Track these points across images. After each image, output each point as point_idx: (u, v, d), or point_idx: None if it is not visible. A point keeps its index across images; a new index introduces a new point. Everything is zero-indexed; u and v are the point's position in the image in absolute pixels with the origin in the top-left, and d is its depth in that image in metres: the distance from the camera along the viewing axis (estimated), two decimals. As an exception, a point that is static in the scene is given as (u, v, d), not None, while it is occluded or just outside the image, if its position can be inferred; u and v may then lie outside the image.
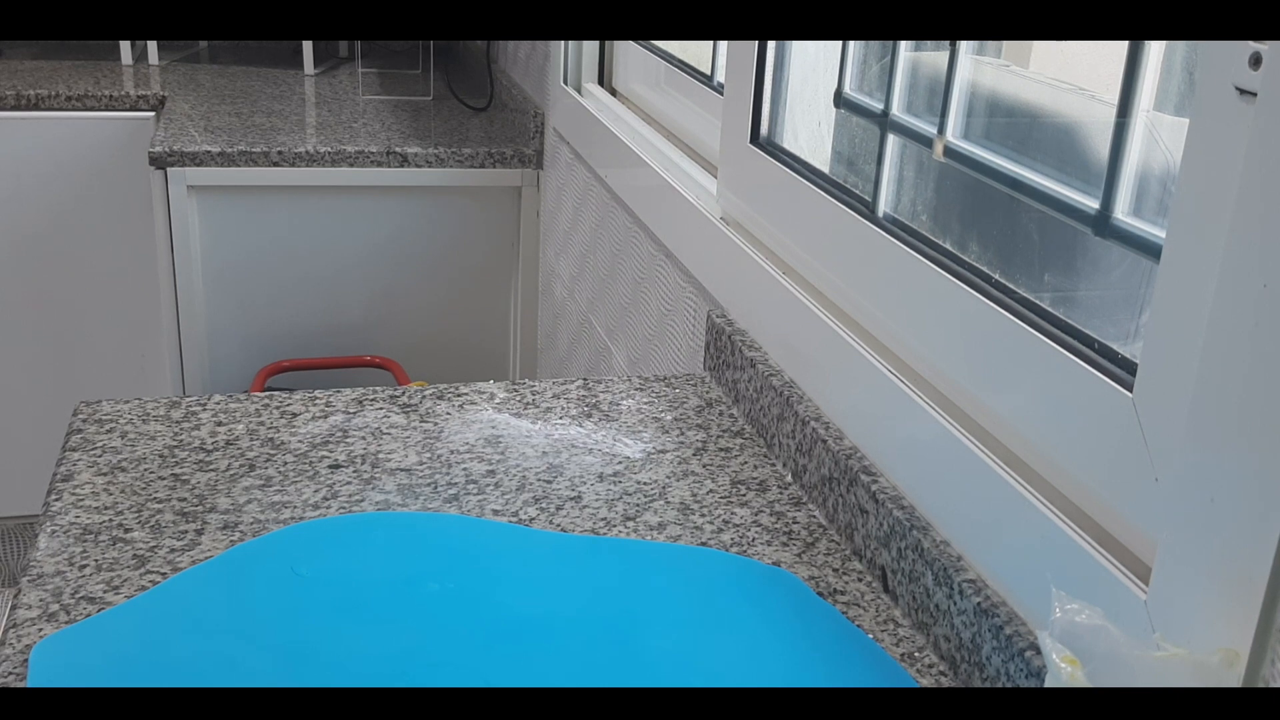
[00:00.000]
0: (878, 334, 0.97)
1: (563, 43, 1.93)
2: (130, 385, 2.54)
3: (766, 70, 1.21)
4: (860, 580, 0.90)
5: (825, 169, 1.14)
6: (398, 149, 2.10)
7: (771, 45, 1.21)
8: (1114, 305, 0.77)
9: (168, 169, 2.03)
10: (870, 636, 0.83)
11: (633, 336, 1.62)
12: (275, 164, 2.07)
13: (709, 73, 1.55)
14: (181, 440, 1.03)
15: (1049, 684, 0.53)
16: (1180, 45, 0.70)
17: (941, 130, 0.93)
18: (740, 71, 1.24)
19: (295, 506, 0.94)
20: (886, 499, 0.88)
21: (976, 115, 0.92)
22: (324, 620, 0.79)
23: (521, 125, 2.24)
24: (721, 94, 1.37)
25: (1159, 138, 0.72)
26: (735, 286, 1.21)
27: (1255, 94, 0.56)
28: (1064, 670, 0.53)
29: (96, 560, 0.86)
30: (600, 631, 0.80)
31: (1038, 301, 0.80)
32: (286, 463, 1.01)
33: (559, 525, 0.94)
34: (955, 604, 0.79)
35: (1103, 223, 0.76)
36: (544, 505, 0.96)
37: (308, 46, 2.74)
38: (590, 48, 1.92)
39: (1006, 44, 0.92)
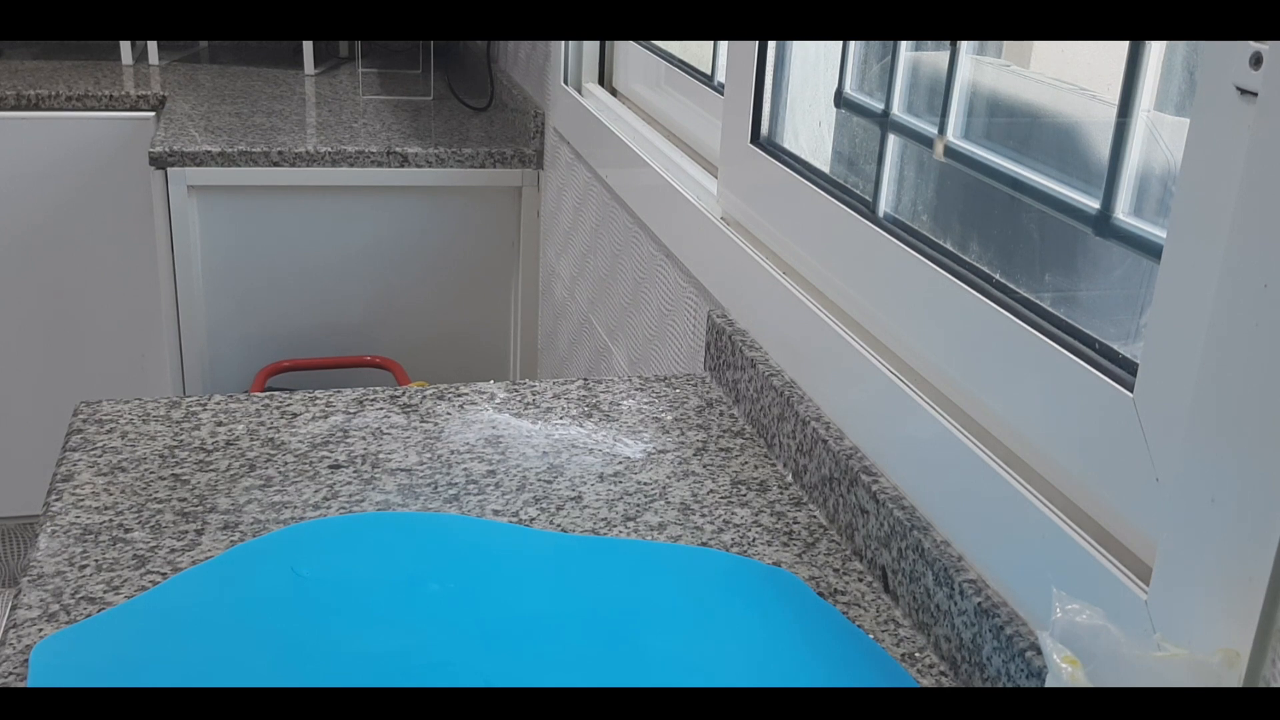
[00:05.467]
0: (878, 334, 0.97)
1: (563, 43, 1.93)
2: (130, 385, 2.54)
3: (766, 70, 1.21)
4: (861, 580, 0.90)
5: (826, 169, 1.14)
6: (398, 149, 2.10)
7: (771, 45, 1.21)
8: (1114, 305, 0.77)
9: (168, 169, 2.03)
10: (871, 637, 0.83)
11: (633, 336, 1.62)
12: (275, 164, 2.06)
13: (709, 73, 1.55)
14: (181, 440, 1.03)
15: (1050, 684, 0.53)
16: (1180, 45, 0.70)
17: (942, 130, 0.93)
18: (740, 71, 1.24)
19: (295, 506, 0.94)
20: (887, 499, 0.88)
21: (977, 115, 0.92)
22: (324, 620, 0.79)
23: (521, 125, 2.24)
24: (721, 94, 1.37)
25: (1159, 138, 0.72)
26: (735, 286, 1.21)
27: (1256, 94, 0.56)
28: (1065, 670, 0.53)
29: (96, 560, 0.86)
30: (601, 631, 0.80)
31: (1038, 301, 0.80)
32: (287, 463, 1.00)
33: (559, 525, 0.93)
34: (956, 604, 0.79)
35: (1103, 223, 0.76)
36: (544, 505, 0.96)
37: (308, 46, 2.74)
38: (590, 48, 1.92)
39: (1006, 44, 0.92)
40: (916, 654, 0.82)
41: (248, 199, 2.09)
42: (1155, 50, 0.71)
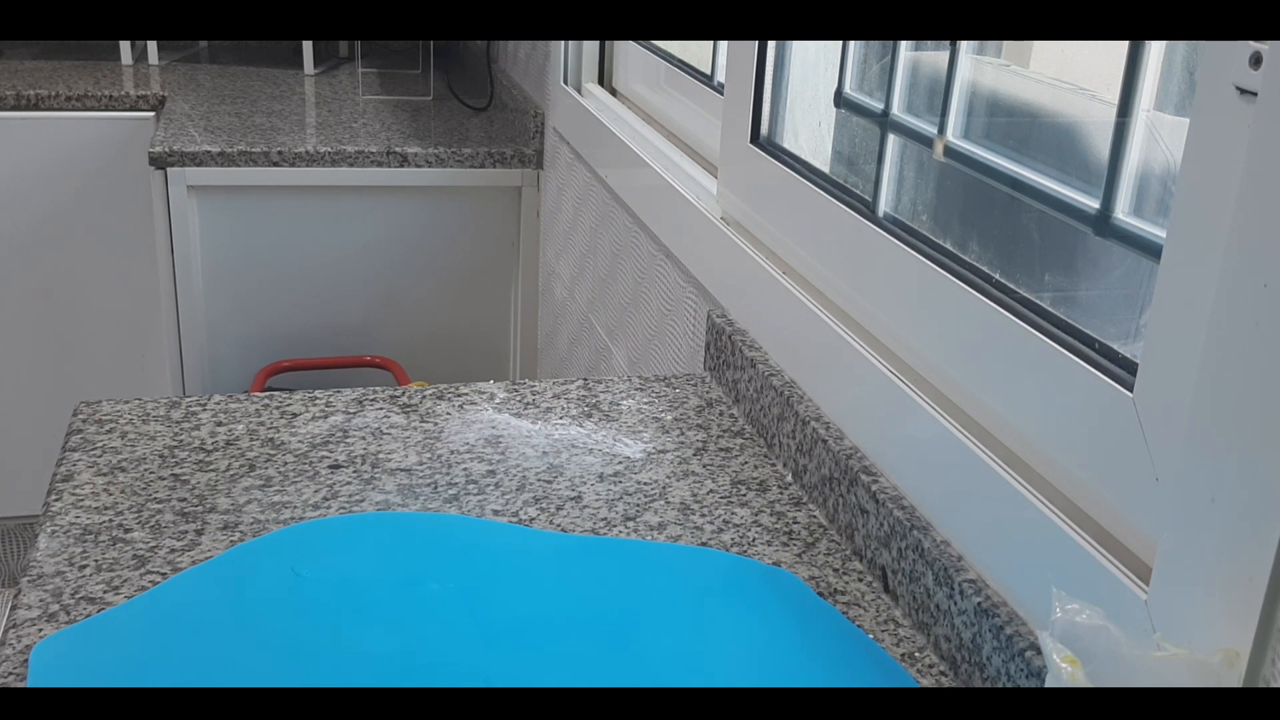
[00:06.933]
0: (878, 334, 0.97)
1: (563, 43, 1.93)
2: (130, 385, 2.54)
3: (766, 70, 1.21)
4: (861, 580, 0.90)
5: (825, 169, 1.14)
6: (398, 149, 2.10)
7: (771, 45, 1.21)
8: (1114, 305, 0.77)
9: (168, 169, 2.03)
10: (871, 636, 0.83)
11: (633, 336, 1.62)
12: (275, 164, 2.06)
13: (709, 73, 1.55)
14: (181, 440, 1.03)
15: (1049, 684, 0.53)
16: (1180, 45, 0.70)
17: (942, 130, 0.93)
18: (740, 71, 1.24)
19: (295, 506, 0.94)
20: (887, 499, 0.88)
21: (977, 115, 0.92)
22: (324, 620, 0.79)
23: (521, 125, 2.24)
24: (721, 94, 1.37)
25: (1159, 137, 0.72)
26: (735, 286, 1.21)
27: (1255, 94, 0.56)
28: (1064, 670, 0.53)
29: (96, 560, 0.86)
30: (600, 631, 0.80)
31: (1038, 301, 0.80)
32: (286, 463, 1.00)
33: (559, 525, 0.93)
34: (956, 604, 0.79)
35: (1103, 222, 0.76)
36: (544, 505, 0.96)
37: (308, 46, 2.74)
38: (590, 48, 1.92)
39: (1006, 44, 0.92)
40: (916, 654, 0.82)
41: (247, 199, 2.09)
42: (1155, 50, 0.71)
